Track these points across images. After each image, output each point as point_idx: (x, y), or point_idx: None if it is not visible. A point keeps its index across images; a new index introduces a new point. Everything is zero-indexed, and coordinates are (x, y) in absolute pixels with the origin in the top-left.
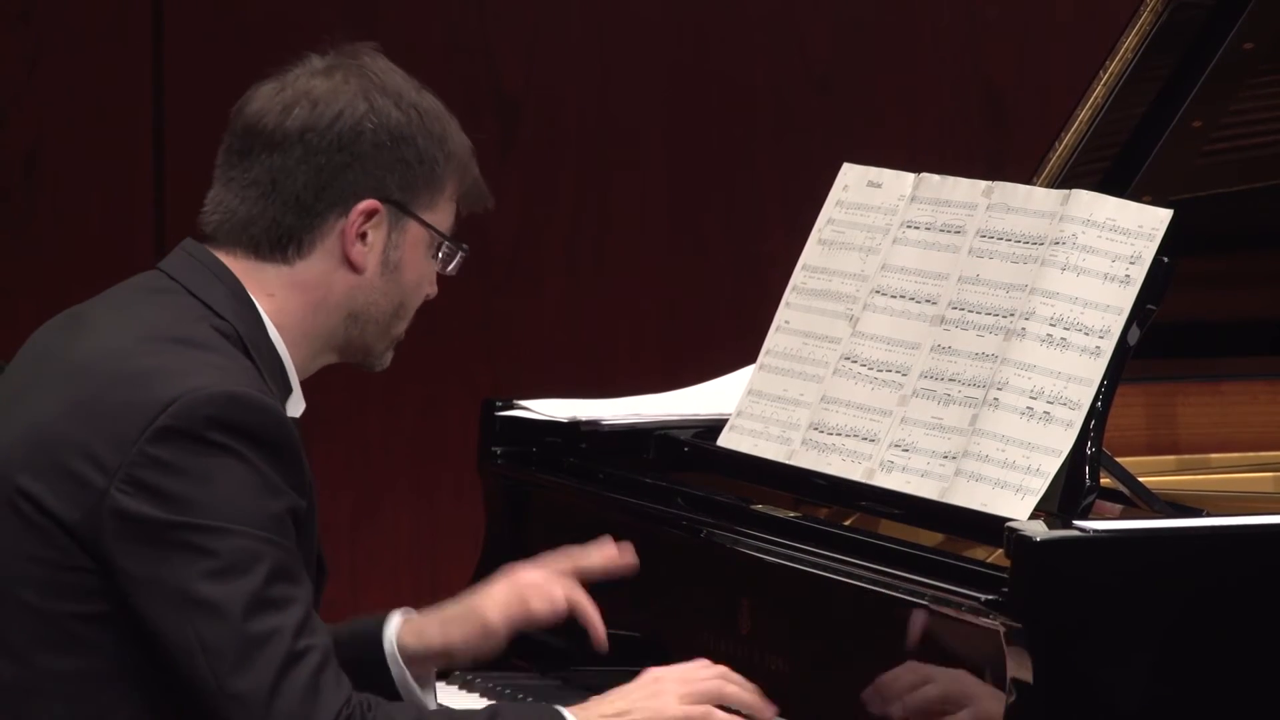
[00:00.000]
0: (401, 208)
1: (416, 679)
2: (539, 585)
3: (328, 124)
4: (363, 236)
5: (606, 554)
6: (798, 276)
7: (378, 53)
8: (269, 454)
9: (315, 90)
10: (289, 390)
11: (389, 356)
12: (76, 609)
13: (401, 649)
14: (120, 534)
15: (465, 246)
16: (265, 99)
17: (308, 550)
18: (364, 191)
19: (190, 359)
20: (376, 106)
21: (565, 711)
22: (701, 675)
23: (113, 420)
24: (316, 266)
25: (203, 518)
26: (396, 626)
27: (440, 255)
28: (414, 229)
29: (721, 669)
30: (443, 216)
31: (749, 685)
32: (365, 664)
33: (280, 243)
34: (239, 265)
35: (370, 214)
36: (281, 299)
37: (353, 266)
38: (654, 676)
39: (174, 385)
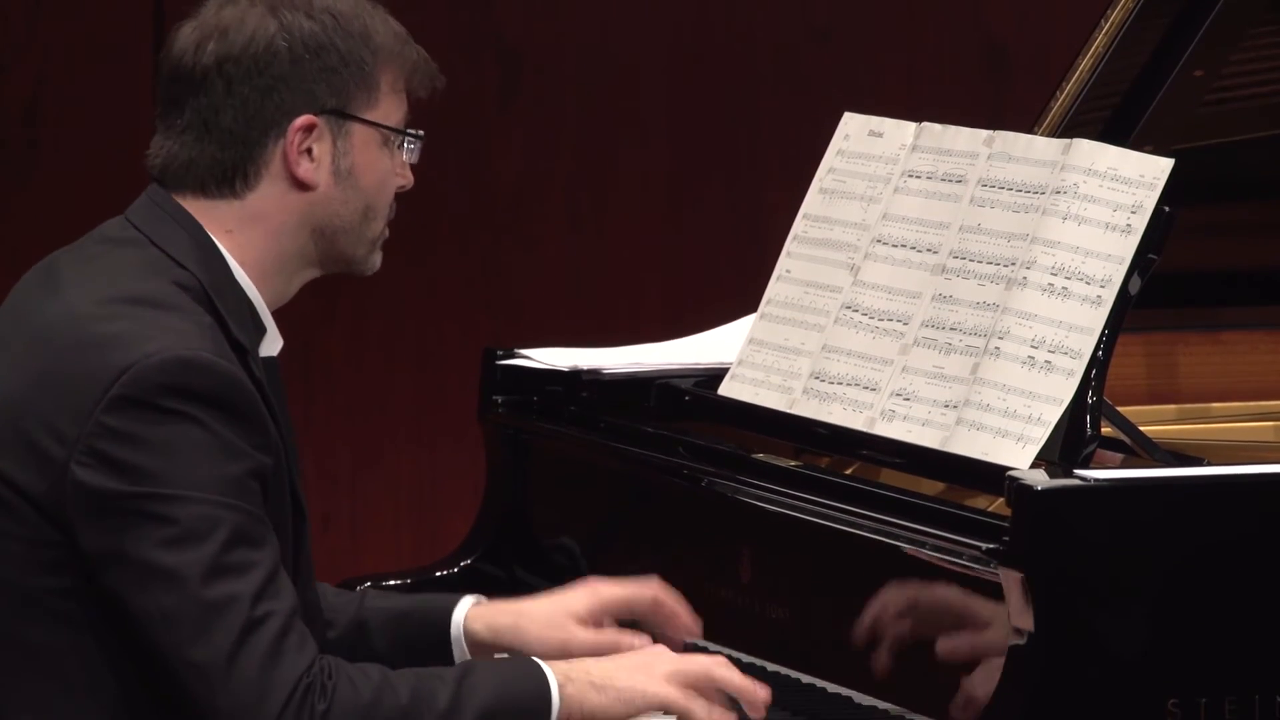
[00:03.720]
0: (340, 114)
1: None
2: (622, 589)
3: (240, 51)
4: (308, 153)
5: (685, 613)
6: (799, 226)
7: None
8: (225, 416)
9: (224, 20)
10: (263, 330)
11: (376, 258)
12: (51, 583)
13: (469, 635)
14: (81, 506)
15: (420, 133)
16: (182, 39)
17: (279, 508)
18: (296, 109)
19: (147, 322)
20: (286, 22)
21: (545, 666)
22: (697, 659)
23: (71, 391)
24: (268, 194)
25: (160, 486)
26: (466, 611)
27: (400, 147)
28: (360, 131)
29: (717, 657)
30: (388, 110)
31: (743, 677)
32: (425, 643)
33: (226, 179)
34: (194, 206)
35: (308, 129)
36: (240, 234)
37: (303, 185)
38: (651, 650)
39: (128, 352)
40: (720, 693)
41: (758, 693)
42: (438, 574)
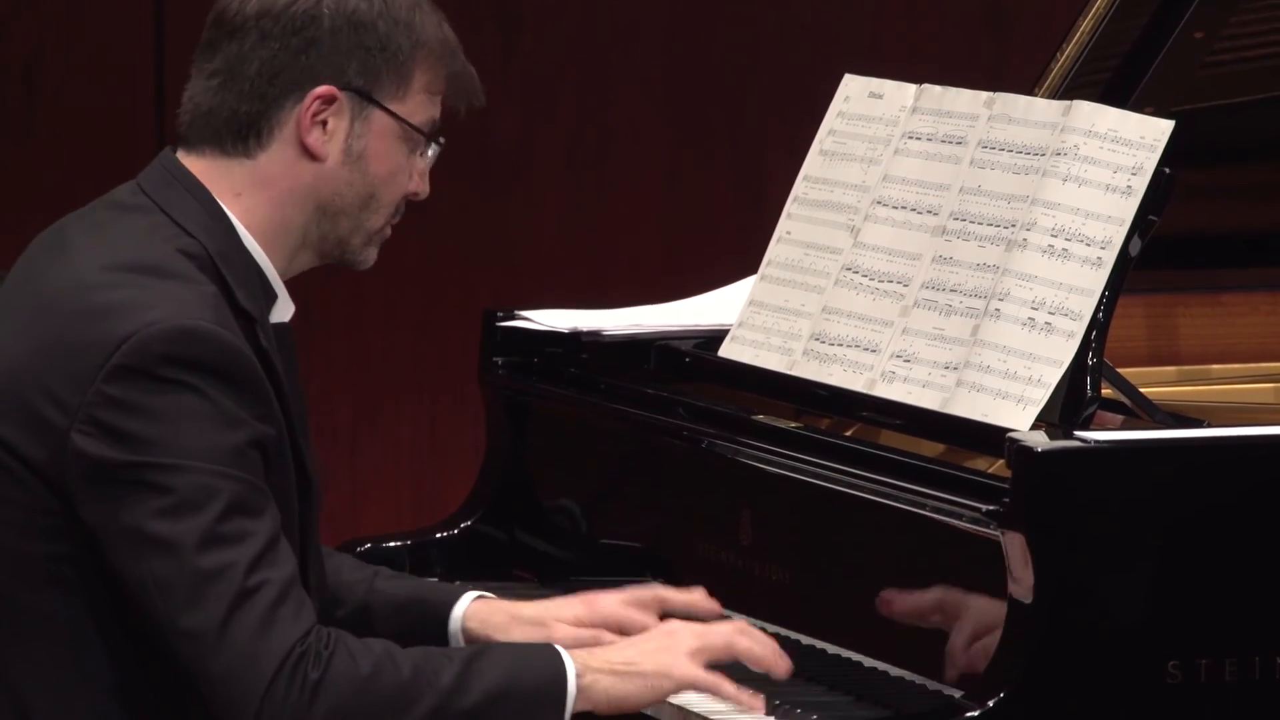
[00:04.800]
0: (364, 96)
1: None
2: (617, 607)
3: (283, 8)
4: (323, 124)
5: (693, 596)
6: (799, 187)
7: None
8: (225, 386)
9: None
10: (273, 297)
11: (371, 253)
12: (51, 550)
13: (465, 632)
14: (81, 475)
15: (440, 140)
16: None
17: (282, 477)
18: (321, 77)
19: (149, 290)
20: None
21: (564, 653)
22: (717, 630)
23: (72, 359)
24: (278, 157)
25: (158, 456)
26: (465, 607)
27: (422, 153)
28: (380, 119)
29: (739, 624)
30: (416, 108)
31: (766, 640)
32: (425, 635)
33: (240, 133)
34: (207, 166)
35: (328, 100)
36: (249, 198)
37: (312, 154)
38: (668, 629)
39: (129, 321)
40: None
41: (779, 666)
42: (438, 535)
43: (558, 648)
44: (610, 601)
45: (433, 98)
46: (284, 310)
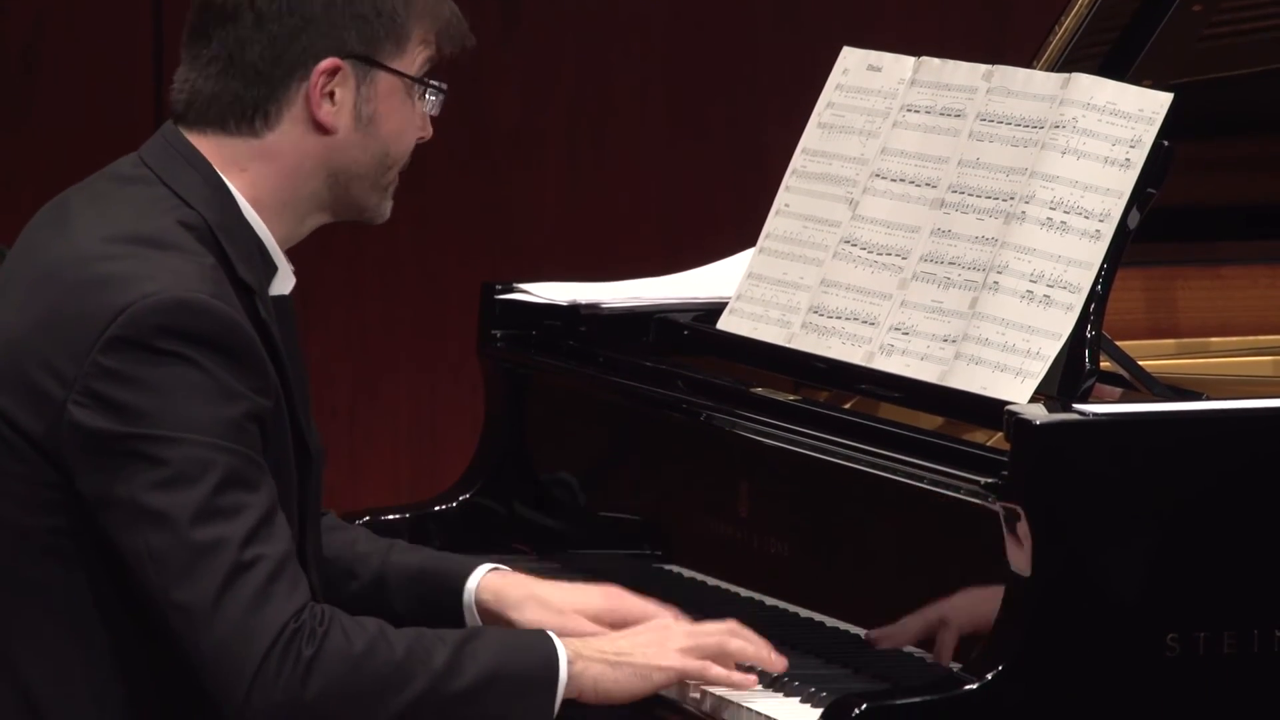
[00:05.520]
0: (367, 61)
1: None
2: (639, 605)
3: None
4: (330, 96)
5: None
6: (797, 160)
7: None
8: (222, 358)
9: None
10: (273, 269)
11: (387, 206)
12: (50, 522)
13: (480, 604)
14: (78, 447)
15: (444, 86)
16: None
17: (280, 450)
18: (322, 52)
19: (147, 262)
20: None
21: (556, 639)
22: (709, 629)
23: (70, 331)
24: (287, 135)
25: (154, 428)
26: (480, 579)
27: (422, 98)
28: (384, 79)
29: (731, 624)
30: (413, 61)
31: (758, 639)
32: (440, 606)
33: (246, 116)
34: (210, 143)
35: (333, 73)
36: (254, 172)
37: (323, 129)
38: (662, 624)
39: (126, 293)
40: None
41: (773, 663)
42: (436, 508)
43: (550, 634)
44: (634, 601)
45: (427, 46)
46: (284, 282)
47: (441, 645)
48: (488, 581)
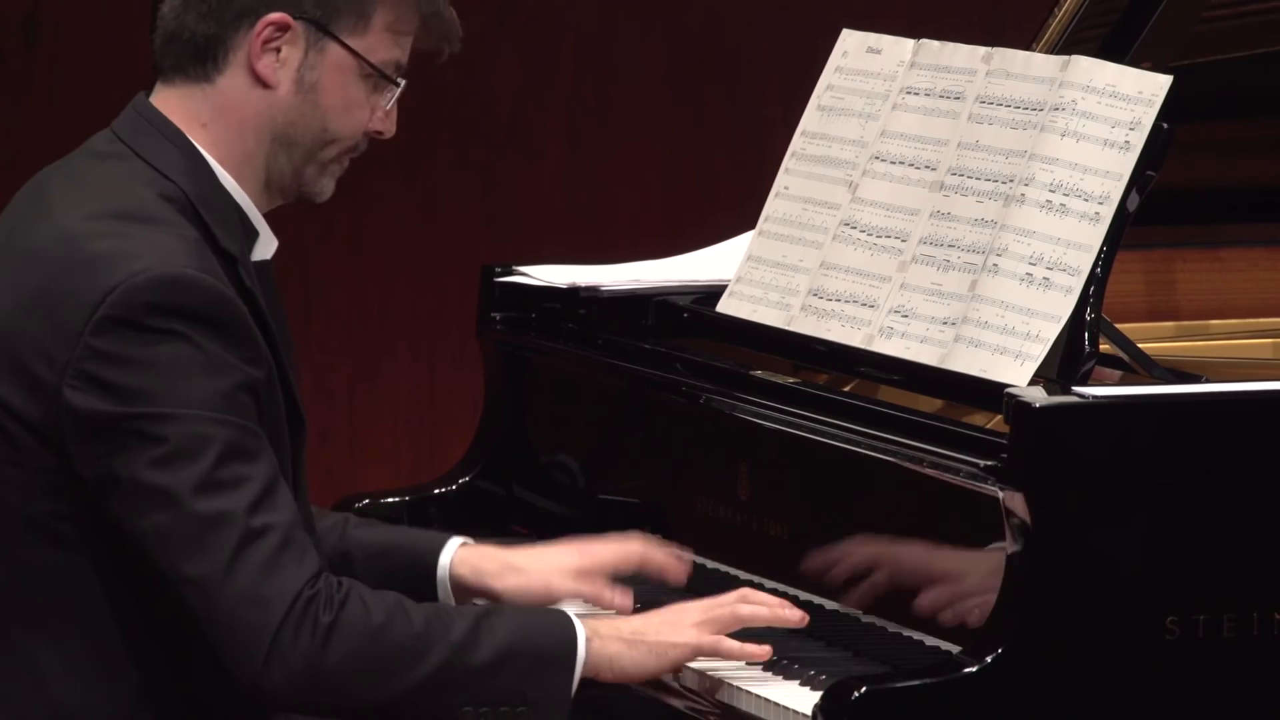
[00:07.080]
0: (319, 27)
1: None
2: (610, 555)
3: None
4: (276, 52)
5: (674, 561)
6: (797, 143)
7: None
8: (213, 331)
9: None
10: (255, 234)
11: (326, 184)
12: (52, 507)
13: (454, 578)
14: (75, 430)
15: (400, 81)
16: None
17: (274, 419)
18: (275, 4)
19: (132, 239)
20: None
21: (574, 618)
22: (721, 601)
23: (60, 313)
24: (234, 83)
25: (149, 406)
26: (452, 554)
27: (376, 90)
28: (336, 52)
29: (741, 591)
30: (376, 45)
31: (770, 599)
32: (410, 581)
33: (199, 57)
34: (174, 98)
35: (282, 27)
36: (213, 128)
37: (262, 81)
38: (678, 607)
39: (114, 272)
40: None
41: (790, 617)
42: (436, 491)
43: (569, 612)
44: (604, 550)
45: (399, 37)
46: (266, 247)
47: (460, 619)
48: (462, 556)
